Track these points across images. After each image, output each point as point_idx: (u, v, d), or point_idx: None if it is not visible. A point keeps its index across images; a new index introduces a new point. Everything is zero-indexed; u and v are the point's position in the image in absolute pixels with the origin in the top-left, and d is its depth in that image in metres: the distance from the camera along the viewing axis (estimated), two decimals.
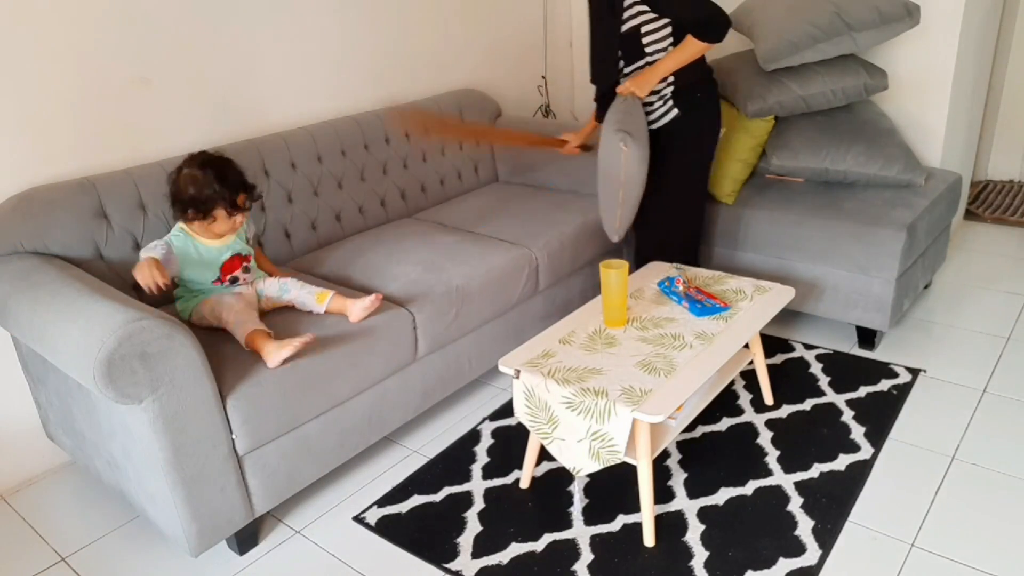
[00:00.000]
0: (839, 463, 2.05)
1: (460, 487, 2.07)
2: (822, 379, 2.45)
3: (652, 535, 1.80)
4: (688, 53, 2.24)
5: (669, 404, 1.67)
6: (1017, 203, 3.86)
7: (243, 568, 1.86)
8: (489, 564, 1.79)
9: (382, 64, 2.99)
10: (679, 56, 2.24)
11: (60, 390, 1.93)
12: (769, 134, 2.77)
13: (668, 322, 2.03)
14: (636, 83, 2.29)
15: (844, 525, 1.84)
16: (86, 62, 2.13)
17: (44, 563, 1.92)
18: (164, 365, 1.58)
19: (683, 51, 2.23)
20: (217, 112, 2.47)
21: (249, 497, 1.84)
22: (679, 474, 2.05)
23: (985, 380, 2.40)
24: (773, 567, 1.72)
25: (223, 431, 1.73)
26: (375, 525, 1.95)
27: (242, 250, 2.06)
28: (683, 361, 1.84)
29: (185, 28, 2.34)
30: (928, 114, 2.97)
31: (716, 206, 2.76)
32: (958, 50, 2.85)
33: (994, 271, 3.18)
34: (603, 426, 1.70)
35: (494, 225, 2.68)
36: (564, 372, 1.81)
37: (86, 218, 2.04)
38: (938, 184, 2.73)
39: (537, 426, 1.85)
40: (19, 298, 1.77)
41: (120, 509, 2.08)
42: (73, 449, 2.07)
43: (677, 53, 2.24)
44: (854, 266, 2.50)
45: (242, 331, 1.85)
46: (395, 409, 2.16)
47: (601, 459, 1.74)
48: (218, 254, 2.00)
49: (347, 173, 2.70)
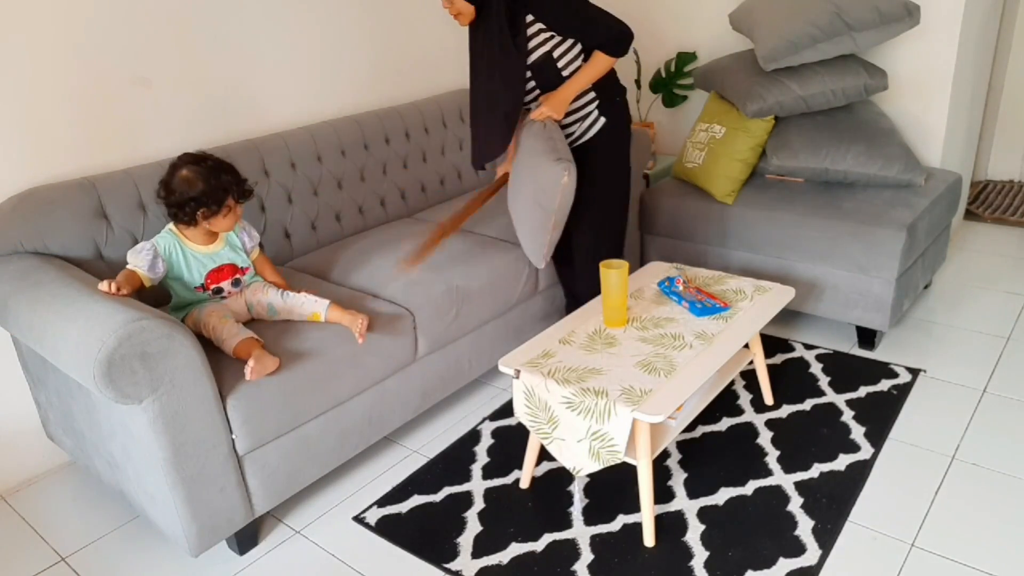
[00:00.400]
0: (839, 463, 2.05)
1: (460, 487, 2.07)
2: (822, 379, 2.45)
3: (652, 535, 1.80)
4: (598, 70, 2.20)
5: (669, 404, 1.67)
6: (1017, 203, 3.86)
7: (243, 568, 1.86)
8: (489, 564, 1.79)
9: (381, 64, 2.99)
10: (590, 73, 2.20)
11: (60, 390, 1.93)
12: (769, 134, 2.77)
13: (668, 322, 2.03)
14: (552, 106, 2.20)
15: (844, 525, 1.84)
16: (86, 62, 2.13)
17: (44, 563, 1.92)
18: (164, 365, 1.58)
19: (594, 68, 2.20)
20: (217, 112, 2.47)
21: (249, 497, 1.84)
22: (679, 474, 2.05)
23: (985, 380, 2.40)
24: (773, 567, 1.72)
25: (223, 431, 1.73)
26: (375, 525, 1.95)
27: (238, 261, 2.00)
28: (683, 361, 1.84)
29: (185, 28, 2.34)
30: (928, 114, 2.97)
31: (716, 206, 2.77)
32: (958, 50, 2.85)
33: (994, 271, 3.18)
34: (603, 426, 1.70)
35: (494, 225, 2.68)
36: (564, 372, 1.81)
37: (86, 218, 2.04)
38: (938, 184, 2.73)
39: (537, 426, 1.85)
40: (19, 298, 1.77)
41: (120, 509, 2.08)
42: (73, 449, 2.07)
43: (588, 70, 2.20)
44: (854, 266, 2.50)
45: (231, 343, 1.81)
46: (395, 409, 2.16)
47: (601, 459, 1.74)
48: (207, 261, 1.94)
49: (347, 173, 2.70)
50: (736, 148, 2.76)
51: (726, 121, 2.83)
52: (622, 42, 2.18)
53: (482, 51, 2.24)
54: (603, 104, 2.29)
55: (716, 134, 2.84)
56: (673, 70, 3.60)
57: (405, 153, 2.91)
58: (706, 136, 2.88)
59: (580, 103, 2.28)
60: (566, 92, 2.21)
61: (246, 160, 2.40)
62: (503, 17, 2.13)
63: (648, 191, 2.99)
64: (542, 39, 2.16)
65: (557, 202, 2.12)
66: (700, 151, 2.88)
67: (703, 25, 3.51)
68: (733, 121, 2.80)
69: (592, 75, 2.21)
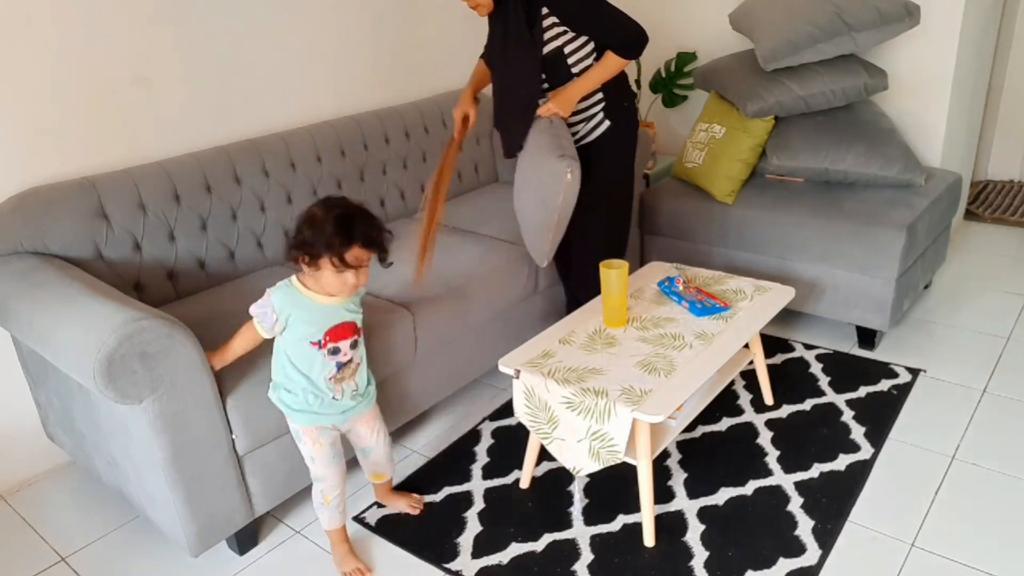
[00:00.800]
0: (839, 463, 2.05)
1: (460, 487, 2.07)
2: (822, 379, 2.45)
3: (652, 535, 1.80)
4: (609, 70, 2.19)
5: (669, 404, 1.67)
6: (1017, 203, 3.86)
7: (243, 568, 1.86)
8: (489, 564, 1.79)
9: (382, 64, 2.99)
10: (600, 73, 2.18)
11: (60, 390, 1.93)
12: (769, 134, 2.77)
13: (668, 322, 2.03)
14: (559, 103, 2.17)
15: (844, 525, 1.84)
16: (86, 62, 2.13)
17: (44, 563, 1.92)
18: (164, 365, 1.58)
19: (604, 69, 2.18)
20: (217, 112, 2.47)
21: (249, 497, 1.83)
22: (679, 474, 2.05)
23: (985, 380, 2.40)
24: (773, 567, 1.72)
25: (223, 431, 1.73)
26: (375, 525, 1.95)
27: (356, 319, 1.72)
28: (683, 361, 1.83)
29: (185, 28, 2.34)
30: (928, 114, 2.97)
31: (716, 206, 2.77)
32: (958, 50, 2.85)
33: (994, 271, 3.18)
34: (603, 426, 1.70)
35: (494, 225, 2.68)
36: (564, 372, 1.81)
37: (86, 218, 2.04)
38: (938, 184, 2.73)
39: (537, 426, 1.85)
40: (19, 298, 1.77)
41: (120, 509, 2.08)
42: (73, 449, 2.07)
43: (598, 70, 2.18)
44: (854, 266, 2.50)
45: (325, 517, 1.79)
46: (395, 409, 2.16)
47: (601, 459, 1.74)
48: (330, 313, 1.66)
49: (347, 173, 2.70)
50: (736, 148, 2.76)
51: (726, 121, 2.83)
52: (636, 45, 2.16)
53: (500, 42, 2.24)
54: (609, 107, 2.27)
55: (716, 134, 2.84)
56: (673, 70, 3.60)
57: (405, 153, 2.91)
58: (706, 136, 2.88)
59: (587, 103, 2.26)
60: (574, 90, 2.19)
61: (246, 160, 2.40)
62: (520, 9, 2.12)
63: (648, 191, 2.99)
64: (555, 33, 2.14)
65: (560, 199, 2.11)
66: (700, 151, 2.88)
67: (703, 25, 3.51)
68: (733, 121, 2.80)
69: (602, 75, 2.19)
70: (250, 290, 2.12)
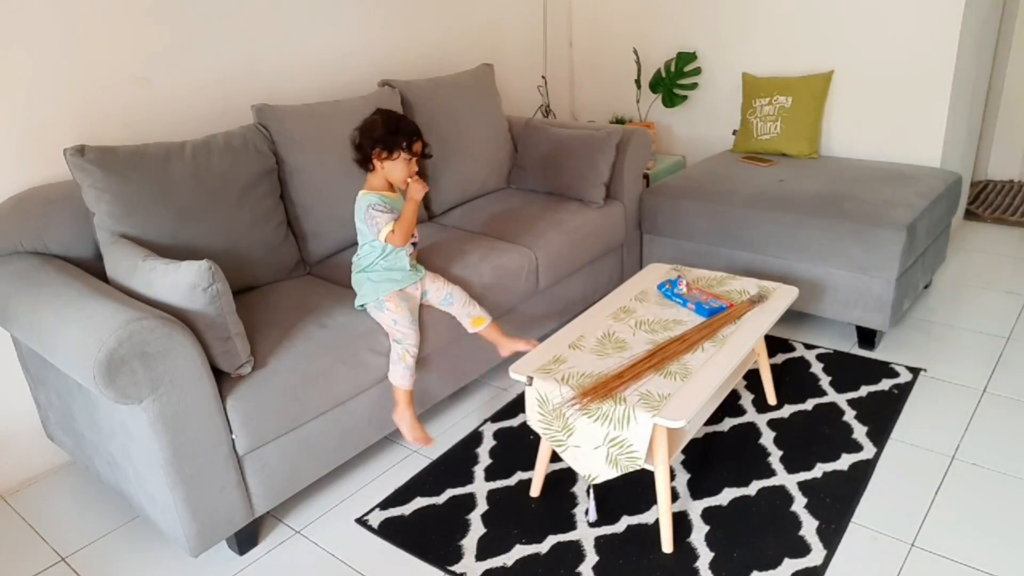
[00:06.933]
0: (842, 463, 2.04)
1: (463, 489, 2.06)
2: (823, 379, 2.45)
3: (670, 541, 1.78)
4: None
5: (689, 408, 1.65)
6: (1017, 203, 3.86)
7: (243, 568, 1.85)
8: (493, 566, 1.78)
9: (382, 64, 2.98)
10: None
11: (60, 390, 1.92)
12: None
13: (677, 324, 2.02)
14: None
15: (848, 525, 1.83)
16: (86, 61, 2.12)
17: (44, 563, 1.91)
18: (164, 365, 1.58)
19: None
20: (217, 112, 2.46)
21: (249, 497, 1.83)
22: (682, 475, 2.04)
23: (985, 380, 2.40)
24: (778, 567, 1.71)
25: (223, 431, 1.72)
26: (378, 528, 1.94)
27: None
28: (697, 364, 1.82)
29: (185, 27, 2.33)
30: (928, 114, 2.97)
31: (716, 206, 2.76)
32: (958, 50, 2.85)
33: (994, 271, 3.18)
34: (622, 432, 1.68)
35: (494, 225, 2.67)
36: (578, 378, 1.79)
37: (86, 218, 2.03)
38: (938, 184, 2.73)
39: (551, 434, 1.82)
40: (19, 298, 1.76)
41: (120, 509, 2.08)
42: (73, 449, 2.06)
43: None
44: (854, 266, 2.50)
45: (396, 375, 2.04)
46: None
47: (619, 466, 1.72)
48: (399, 203, 2.05)
49: None
50: (806, 111, 3.13)
51: (787, 91, 3.17)
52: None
53: None
54: None
55: (784, 104, 3.18)
56: (673, 70, 3.60)
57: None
58: (772, 109, 3.21)
59: None
60: None
61: None
62: None
63: (648, 191, 2.99)
64: None
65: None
66: (773, 122, 3.21)
67: (703, 25, 3.51)
68: (795, 89, 3.16)
69: None
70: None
